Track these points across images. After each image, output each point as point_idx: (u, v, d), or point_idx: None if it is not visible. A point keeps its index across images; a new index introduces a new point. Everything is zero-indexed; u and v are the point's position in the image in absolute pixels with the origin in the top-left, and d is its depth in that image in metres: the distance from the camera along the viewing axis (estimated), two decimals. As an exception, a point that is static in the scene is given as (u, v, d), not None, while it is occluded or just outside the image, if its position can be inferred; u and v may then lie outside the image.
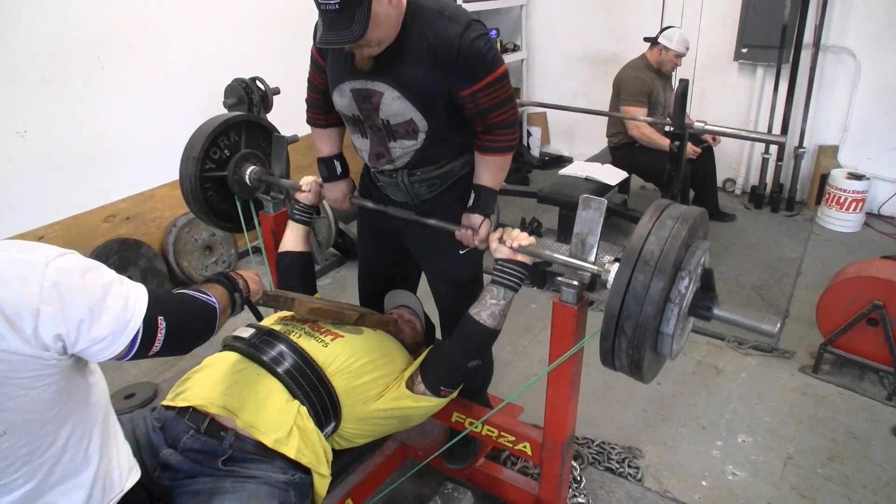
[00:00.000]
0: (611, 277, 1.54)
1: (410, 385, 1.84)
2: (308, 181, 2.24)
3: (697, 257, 1.44)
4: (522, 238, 1.78)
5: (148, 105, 3.63)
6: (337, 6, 1.54)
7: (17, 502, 1.12)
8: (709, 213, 4.97)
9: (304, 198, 2.23)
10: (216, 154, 2.34)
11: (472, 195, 1.94)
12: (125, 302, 1.15)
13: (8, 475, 1.09)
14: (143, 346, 1.19)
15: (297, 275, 2.21)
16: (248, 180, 2.39)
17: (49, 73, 3.18)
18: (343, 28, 1.58)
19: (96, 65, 3.37)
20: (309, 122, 2.17)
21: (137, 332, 1.17)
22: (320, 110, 2.11)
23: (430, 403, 1.85)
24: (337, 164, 2.20)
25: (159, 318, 1.21)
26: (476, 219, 1.93)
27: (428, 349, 1.96)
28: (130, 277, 1.41)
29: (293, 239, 2.25)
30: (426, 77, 1.72)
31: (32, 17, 3.07)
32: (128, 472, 1.31)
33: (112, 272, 1.17)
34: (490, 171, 1.94)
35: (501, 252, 1.79)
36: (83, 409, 1.18)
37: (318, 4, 1.57)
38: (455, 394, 1.92)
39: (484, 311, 1.79)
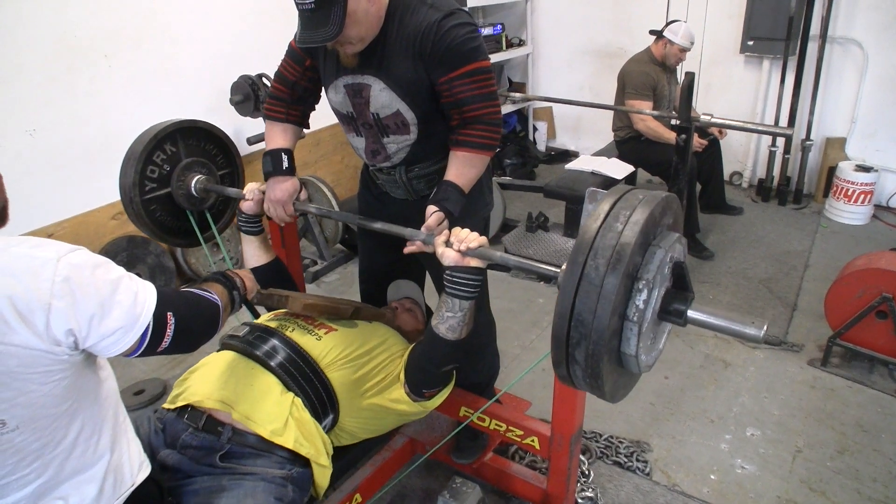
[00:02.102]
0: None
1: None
2: (252, 188, 2.06)
3: (658, 260, 1.22)
4: (472, 239, 1.59)
5: (155, 102, 3.64)
6: (312, 5, 1.55)
7: (29, 497, 1.13)
8: (716, 206, 4.95)
9: (247, 207, 2.05)
10: (154, 172, 2.16)
11: (435, 188, 1.82)
12: (135, 297, 1.17)
13: (21, 469, 1.10)
14: (152, 342, 1.21)
15: (273, 286, 2.12)
16: (194, 191, 2.23)
17: (56, 71, 3.19)
18: (320, 27, 1.58)
19: (103, 62, 3.37)
20: (267, 114, 2.05)
21: (147, 327, 1.18)
22: (282, 103, 2.02)
23: (424, 407, 1.85)
24: (284, 157, 2.00)
25: (168, 314, 1.23)
26: (428, 209, 1.77)
27: (409, 348, 1.91)
28: (139, 274, 1.42)
29: (251, 253, 2.14)
30: (408, 66, 1.72)
31: (39, 14, 3.07)
32: (138, 467, 1.32)
33: (121, 269, 1.19)
34: (457, 165, 1.80)
35: (448, 258, 1.61)
36: (94, 404, 1.19)
37: (296, 3, 1.57)
38: (447, 391, 1.89)
39: (442, 324, 1.69)
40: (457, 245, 1.60)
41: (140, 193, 2.13)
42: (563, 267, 1.33)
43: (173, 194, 2.22)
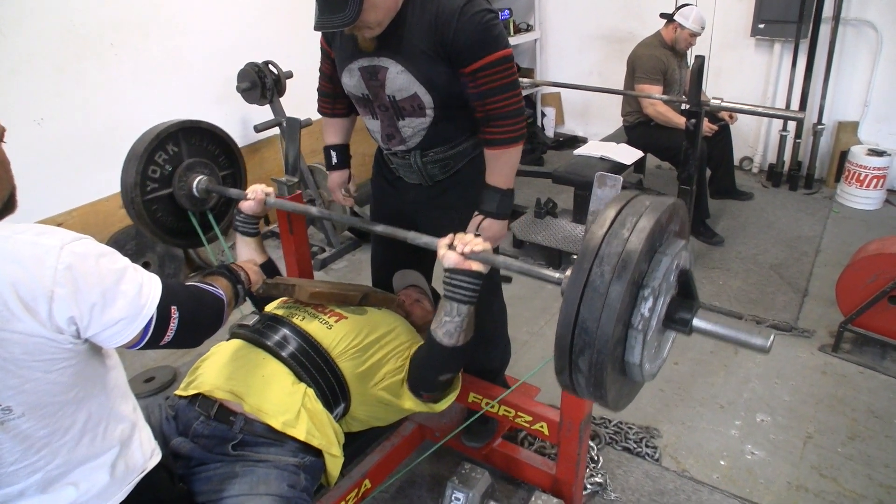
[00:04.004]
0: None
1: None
2: (255, 189, 2.02)
3: (664, 268, 1.20)
4: (476, 243, 1.57)
5: (162, 91, 3.64)
6: None
7: (39, 483, 1.14)
8: (726, 191, 4.91)
9: (247, 207, 1.99)
10: (156, 172, 2.14)
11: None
12: (139, 288, 1.16)
13: (29, 456, 1.11)
14: (155, 335, 1.20)
15: None
16: (196, 192, 2.20)
17: (64, 61, 3.19)
18: (337, 11, 1.58)
19: (110, 51, 3.37)
20: (318, 110, 2.19)
21: (151, 319, 1.18)
22: (328, 98, 2.14)
23: (431, 409, 1.86)
24: (333, 154, 2.19)
25: (172, 307, 1.23)
26: (476, 219, 1.91)
27: (416, 347, 1.89)
28: (147, 263, 1.42)
29: (247, 254, 2.09)
30: (428, 51, 1.72)
31: (46, 4, 3.07)
32: (150, 454, 1.33)
33: (126, 259, 1.18)
34: (490, 164, 1.88)
35: (449, 260, 1.57)
36: (101, 392, 1.19)
37: None
38: (453, 395, 1.88)
39: (440, 328, 1.67)
40: (460, 248, 1.57)
41: (142, 194, 2.10)
42: (567, 273, 1.31)
43: (175, 195, 2.19)
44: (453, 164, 1.96)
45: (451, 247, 1.59)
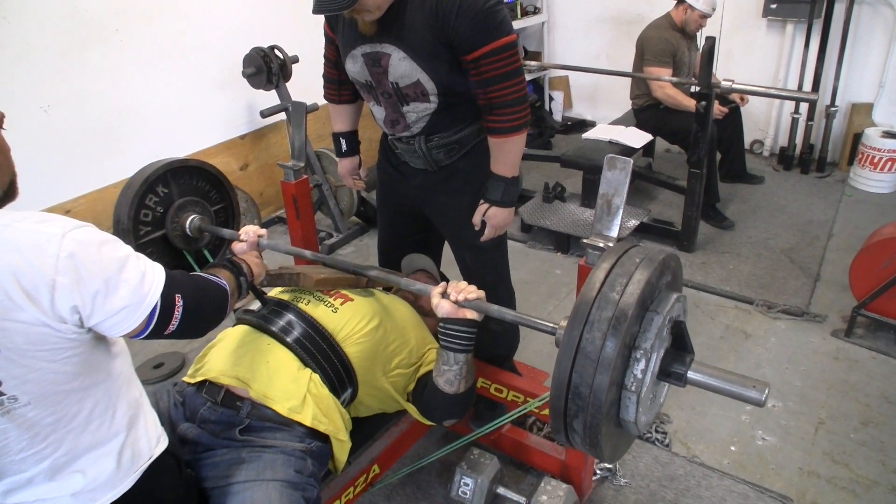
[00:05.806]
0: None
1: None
2: (248, 230, 1.92)
3: (656, 327, 1.19)
4: (470, 291, 1.57)
5: (167, 77, 3.62)
6: None
7: (47, 471, 1.13)
8: (736, 175, 4.85)
9: (240, 249, 1.85)
10: (148, 215, 2.11)
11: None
12: (142, 277, 1.15)
13: (36, 444, 1.10)
14: (159, 324, 1.19)
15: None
16: (189, 231, 2.18)
17: (69, 47, 3.17)
18: None
19: (115, 37, 3.35)
20: (325, 96, 2.18)
21: (155, 308, 1.16)
22: (333, 84, 2.14)
23: (428, 422, 1.85)
24: (342, 141, 2.23)
25: (176, 296, 1.21)
26: (482, 207, 1.93)
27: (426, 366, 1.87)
28: (151, 252, 1.40)
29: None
30: (429, 37, 1.69)
31: (49, -11, 3.05)
32: (156, 441, 1.33)
33: (128, 247, 1.17)
34: (497, 154, 1.88)
35: (443, 309, 1.57)
36: (106, 380, 1.19)
37: None
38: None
39: (439, 377, 1.68)
40: (453, 296, 1.57)
41: (135, 239, 2.08)
42: (562, 322, 1.30)
43: (168, 236, 2.17)
44: (458, 148, 1.94)
45: (444, 295, 1.58)
